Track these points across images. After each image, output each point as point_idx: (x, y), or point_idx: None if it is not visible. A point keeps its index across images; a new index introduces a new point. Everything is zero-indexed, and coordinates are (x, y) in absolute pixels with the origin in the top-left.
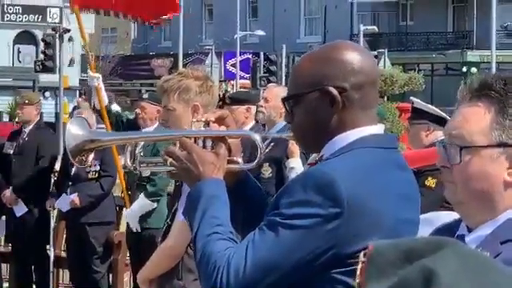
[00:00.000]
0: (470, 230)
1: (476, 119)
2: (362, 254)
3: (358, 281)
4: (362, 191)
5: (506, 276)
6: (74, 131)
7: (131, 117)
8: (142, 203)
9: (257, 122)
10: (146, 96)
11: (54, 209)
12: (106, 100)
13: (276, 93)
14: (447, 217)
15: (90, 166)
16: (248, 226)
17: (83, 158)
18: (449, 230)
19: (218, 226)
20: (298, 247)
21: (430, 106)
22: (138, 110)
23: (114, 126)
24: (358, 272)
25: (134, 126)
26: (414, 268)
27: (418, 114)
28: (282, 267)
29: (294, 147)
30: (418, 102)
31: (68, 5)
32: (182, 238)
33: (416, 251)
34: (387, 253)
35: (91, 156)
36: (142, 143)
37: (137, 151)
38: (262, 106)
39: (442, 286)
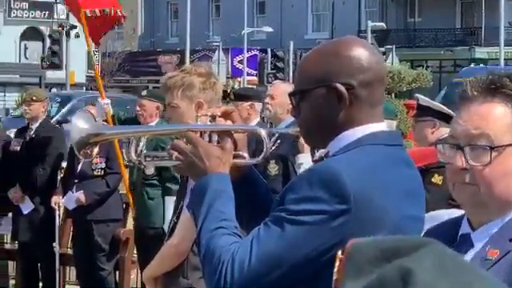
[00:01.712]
0: (472, 228)
1: (496, 118)
2: (339, 251)
3: (335, 278)
4: (368, 187)
5: (483, 278)
6: (78, 124)
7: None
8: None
9: (263, 118)
10: (144, 93)
11: (60, 206)
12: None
13: (282, 89)
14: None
15: (96, 163)
16: (252, 221)
17: (88, 151)
18: (451, 227)
19: (223, 221)
20: (303, 243)
21: (435, 102)
22: (137, 108)
23: None
24: (336, 269)
25: (134, 123)
26: (392, 267)
27: (423, 111)
28: (287, 262)
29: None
30: (423, 99)
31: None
32: (187, 235)
33: (395, 250)
34: (365, 250)
35: (96, 150)
36: (145, 138)
37: (140, 146)
38: (268, 103)
39: (418, 286)
